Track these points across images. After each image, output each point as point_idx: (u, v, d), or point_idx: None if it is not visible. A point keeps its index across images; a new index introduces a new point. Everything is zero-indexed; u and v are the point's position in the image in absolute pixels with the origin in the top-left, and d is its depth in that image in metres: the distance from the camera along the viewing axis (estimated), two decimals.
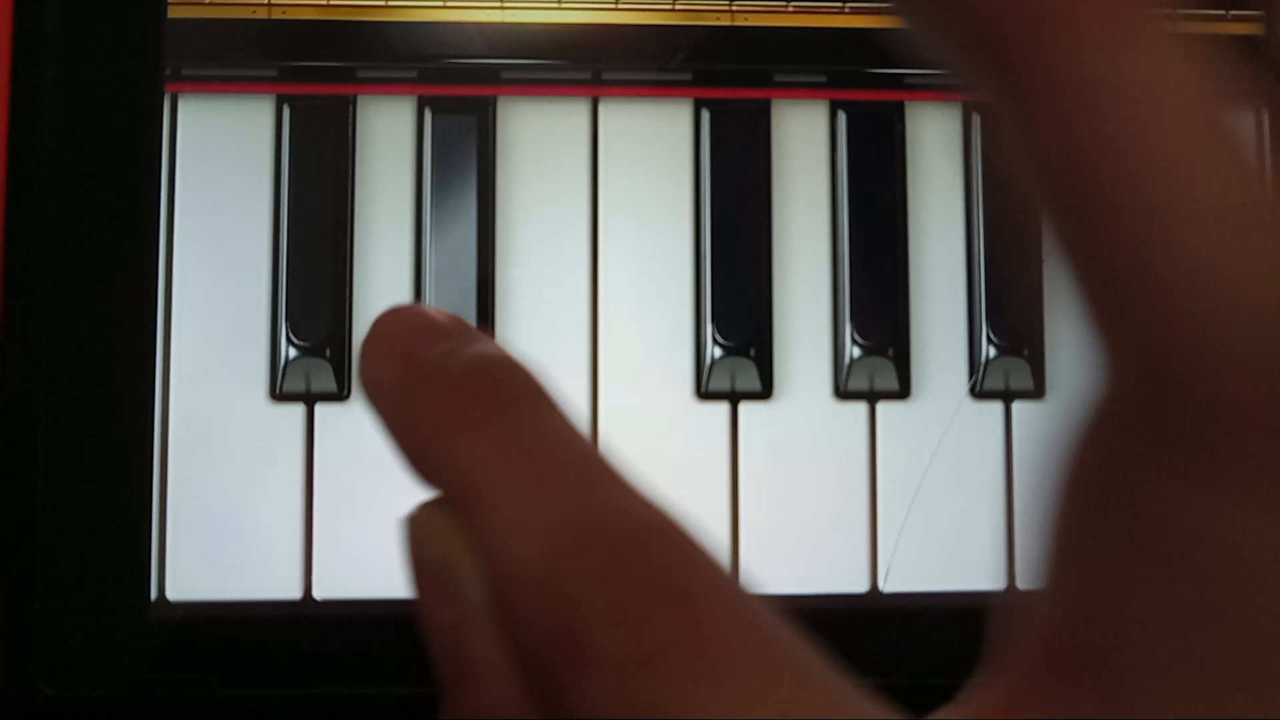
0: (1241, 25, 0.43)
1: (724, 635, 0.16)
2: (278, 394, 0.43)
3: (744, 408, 0.43)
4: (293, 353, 0.42)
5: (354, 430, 0.43)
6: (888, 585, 0.42)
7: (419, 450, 0.19)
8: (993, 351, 0.43)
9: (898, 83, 0.44)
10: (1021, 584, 0.19)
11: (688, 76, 0.44)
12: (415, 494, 0.42)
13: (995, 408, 0.43)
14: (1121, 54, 0.15)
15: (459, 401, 0.19)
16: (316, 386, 0.43)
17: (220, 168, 0.43)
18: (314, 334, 0.43)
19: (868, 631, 0.42)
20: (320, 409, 0.43)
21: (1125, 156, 0.15)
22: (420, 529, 0.19)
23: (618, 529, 0.17)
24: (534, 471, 0.18)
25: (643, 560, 0.17)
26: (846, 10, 0.44)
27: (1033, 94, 0.16)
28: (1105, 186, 0.15)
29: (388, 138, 0.44)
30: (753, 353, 0.43)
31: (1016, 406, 0.43)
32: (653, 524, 0.18)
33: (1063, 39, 0.15)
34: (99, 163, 0.42)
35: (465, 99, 0.44)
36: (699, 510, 0.44)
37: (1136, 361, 0.15)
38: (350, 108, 0.44)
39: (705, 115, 0.44)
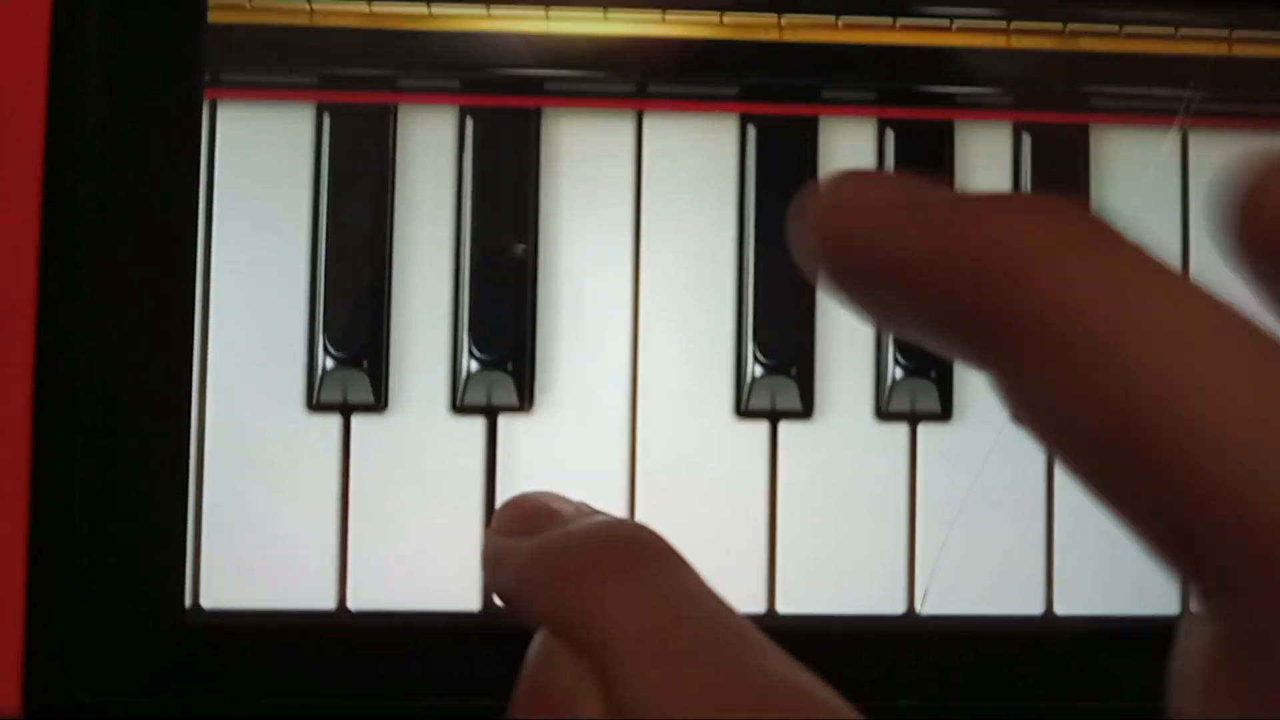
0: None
1: None
2: (314, 404, 0.42)
3: (784, 427, 0.43)
4: (330, 363, 0.42)
5: (390, 441, 0.42)
6: (925, 608, 0.42)
7: (551, 602, 0.19)
8: None
9: (948, 101, 0.44)
10: (1059, 609, 0.19)
11: (734, 91, 0.44)
12: (453, 506, 0.42)
13: None
14: (1123, 296, 0.15)
15: (595, 557, 0.19)
16: (353, 397, 0.42)
17: (259, 175, 0.43)
18: (351, 344, 0.42)
19: (904, 653, 0.42)
20: (357, 420, 0.42)
21: (1169, 395, 0.15)
22: (546, 655, 0.19)
23: (765, 697, 0.17)
24: (671, 631, 0.18)
25: None
26: (897, 27, 0.43)
27: (1053, 360, 0.15)
28: (1155, 426, 0.15)
29: (429, 147, 0.43)
30: (794, 372, 0.43)
31: None
32: (797, 689, 0.18)
33: (1068, 300, 0.15)
34: (137, 169, 0.42)
35: (508, 110, 0.43)
36: (736, 529, 0.44)
37: (1231, 583, 0.15)
38: (391, 117, 0.43)
39: (751, 131, 0.43)
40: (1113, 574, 0.42)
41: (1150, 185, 0.44)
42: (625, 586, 0.19)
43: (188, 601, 0.41)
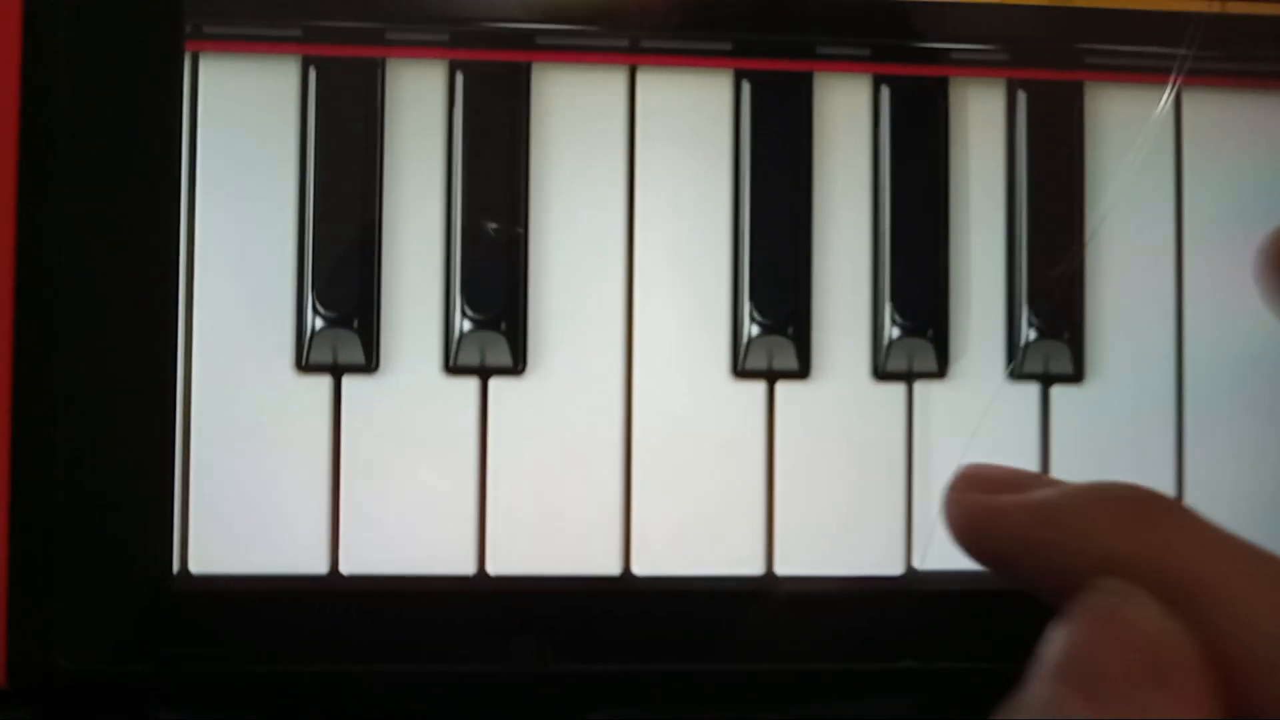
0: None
1: None
2: (304, 365, 0.42)
3: (781, 387, 0.43)
4: (319, 323, 0.41)
5: (382, 403, 0.42)
6: (923, 567, 0.42)
7: (1099, 549, 0.21)
8: (1032, 334, 0.43)
9: (943, 57, 0.43)
10: None
11: (728, 47, 0.43)
12: (445, 468, 0.41)
13: (1033, 391, 0.43)
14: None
15: (1136, 506, 0.21)
16: (344, 358, 0.42)
17: (243, 131, 0.42)
18: (341, 304, 0.41)
19: (903, 613, 0.42)
20: (347, 381, 0.42)
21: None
22: (1119, 601, 0.20)
23: None
24: (1244, 558, 0.20)
25: None
26: None
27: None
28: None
29: (418, 103, 0.42)
30: (791, 331, 0.42)
31: (1055, 390, 0.43)
32: None
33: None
34: (116, 125, 0.41)
35: (499, 64, 0.43)
36: (734, 491, 0.44)
37: None
38: (379, 71, 0.42)
39: (746, 86, 0.43)
40: None
41: (1144, 143, 0.44)
42: (1183, 525, 0.20)
43: (176, 567, 0.41)
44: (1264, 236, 0.23)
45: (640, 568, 0.42)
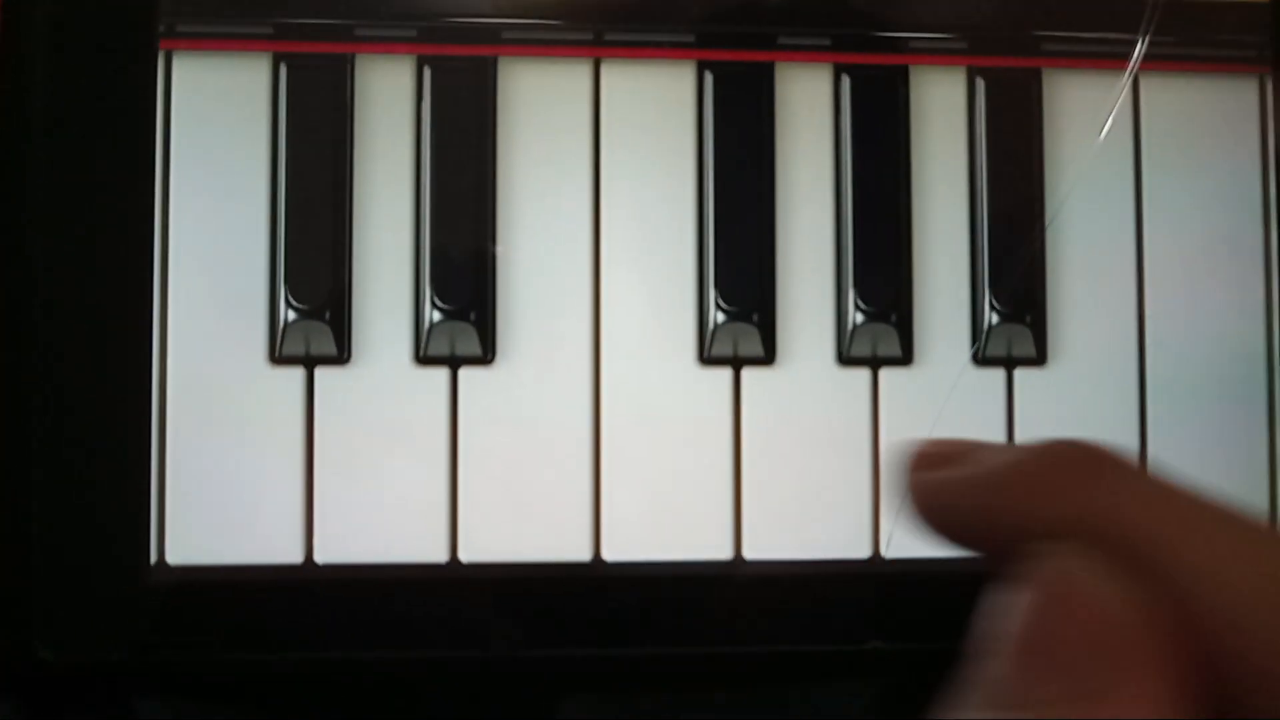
0: None
1: None
2: (277, 357, 0.42)
3: (747, 373, 0.43)
4: (292, 315, 0.42)
5: (354, 394, 0.42)
6: (889, 551, 0.43)
7: (1044, 512, 0.20)
8: (995, 318, 0.43)
9: (902, 46, 0.44)
10: None
11: (691, 38, 0.44)
12: (417, 457, 0.42)
13: (997, 374, 0.44)
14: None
15: (1079, 463, 0.20)
16: (316, 349, 0.42)
17: (216, 127, 0.42)
18: (313, 296, 0.42)
19: (868, 597, 0.42)
20: (320, 372, 0.42)
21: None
22: (1064, 564, 0.19)
23: None
24: (1213, 515, 0.19)
25: None
26: None
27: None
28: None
29: (387, 97, 0.43)
30: (756, 318, 0.43)
31: (1018, 373, 0.44)
32: None
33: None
34: (91, 122, 0.41)
35: (465, 59, 0.43)
36: (701, 477, 0.45)
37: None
38: (348, 67, 0.43)
39: (708, 77, 0.44)
40: None
41: (1102, 129, 0.44)
42: (1124, 480, 0.19)
43: (153, 558, 0.41)
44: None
45: (610, 554, 0.42)
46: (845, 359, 0.43)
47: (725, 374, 0.43)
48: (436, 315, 0.42)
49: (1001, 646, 0.19)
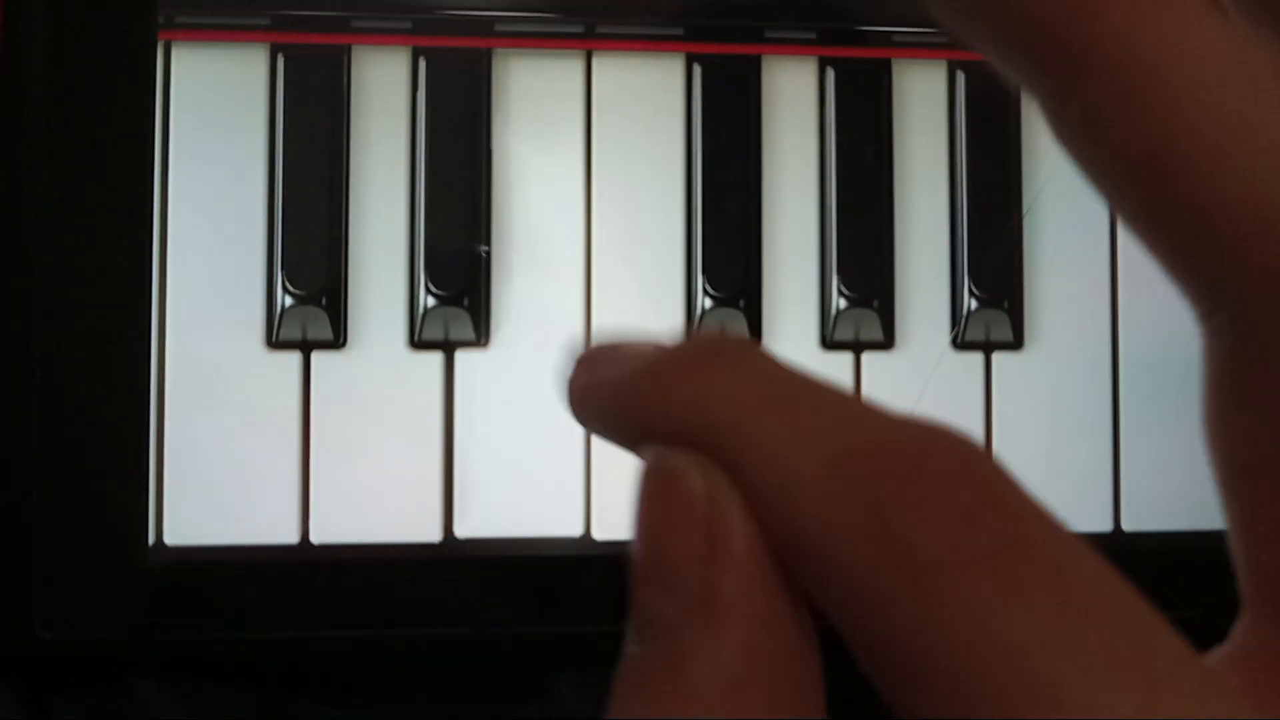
0: None
1: (1052, 541, 0.15)
2: (274, 342, 0.43)
3: None
4: (288, 301, 0.43)
5: (350, 378, 0.43)
6: None
7: (648, 411, 0.18)
8: (974, 303, 0.45)
9: (885, 40, 0.45)
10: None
11: (680, 32, 0.45)
12: (412, 440, 0.42)
13: (976, 358, 0.45)
14: (1181, 33, 0.17)
15: (684, 362, 0.18)
16: (313, 334, 0.43)
17: (214, 117, 0.43)
18: (310, 282, 0.43)
19: None
20: (316, 356, 0.43)
21: (1204, 122, 0.16)
22: (662, 474, 0.17)
23: (905, 434, 0.16)
24: (789, 394, 0.17)
25: (944, 460, 0.15)
26: None
27: (1107, 83, 0.17)
28: (1191, 151, 0.16)
29: (382, 88, 0.44)
30: (742, 304, 0.44)
31: (996, 357, 0.45)
32: (935, 431, 0.16)
33: (1128, 32, 0.17)
34: (91, 112, 0.42)
35: (460, 50, 0.44)
36: None
37: (1245, 296, 0.16)
38: (345, 58, 0.44)
39: (697, 70, 0.45)
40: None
41: None
42: (726, 365, 0.17)
43: (151, 538, 0.42)
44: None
45: (600, 532, 0.43)
46: (829, 343, 0.45)
47: None
48: (431, 300, 0.43)
49: (637, 570, 0.17)
